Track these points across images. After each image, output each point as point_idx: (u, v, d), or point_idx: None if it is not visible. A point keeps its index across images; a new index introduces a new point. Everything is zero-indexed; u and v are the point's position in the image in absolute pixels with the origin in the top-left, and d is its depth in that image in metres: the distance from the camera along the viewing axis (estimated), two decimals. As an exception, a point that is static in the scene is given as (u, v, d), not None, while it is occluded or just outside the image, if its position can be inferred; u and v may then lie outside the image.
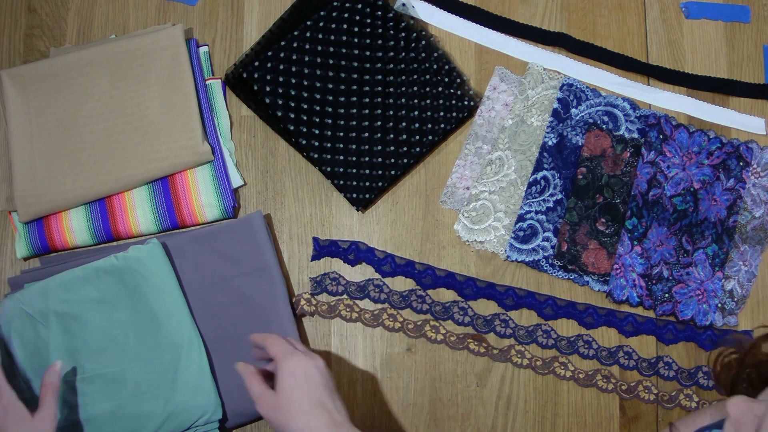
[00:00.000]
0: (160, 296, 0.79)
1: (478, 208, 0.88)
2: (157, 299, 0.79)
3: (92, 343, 0.78)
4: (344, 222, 0.89)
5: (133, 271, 0.79)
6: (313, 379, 0.69)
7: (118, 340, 0.78)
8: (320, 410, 0.67)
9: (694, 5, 0.97)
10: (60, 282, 0.79)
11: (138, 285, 0.79)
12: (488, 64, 0.93)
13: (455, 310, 0.87)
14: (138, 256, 0.79)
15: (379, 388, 0.85)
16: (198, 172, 0.86)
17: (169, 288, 0.79)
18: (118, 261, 0.79)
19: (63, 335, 0.78)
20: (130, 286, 0.79)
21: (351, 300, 0.86)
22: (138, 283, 0.79)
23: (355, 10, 0.89)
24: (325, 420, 0.67)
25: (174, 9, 0.93)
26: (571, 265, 0.87)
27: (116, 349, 0.78)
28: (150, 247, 0.80)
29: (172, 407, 0.77)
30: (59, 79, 0.85)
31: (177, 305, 0.79)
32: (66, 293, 0.78)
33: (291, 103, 0.86)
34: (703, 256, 0.89)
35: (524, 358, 0.87)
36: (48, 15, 0.92)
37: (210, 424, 0.78)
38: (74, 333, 0.78)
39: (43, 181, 0.83)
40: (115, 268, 0.79)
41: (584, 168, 0.89)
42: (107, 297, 0.79)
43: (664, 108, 0.94)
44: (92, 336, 0.78)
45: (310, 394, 0.68)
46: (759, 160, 0.92)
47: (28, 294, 0.78)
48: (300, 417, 0.67)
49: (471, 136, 0.91)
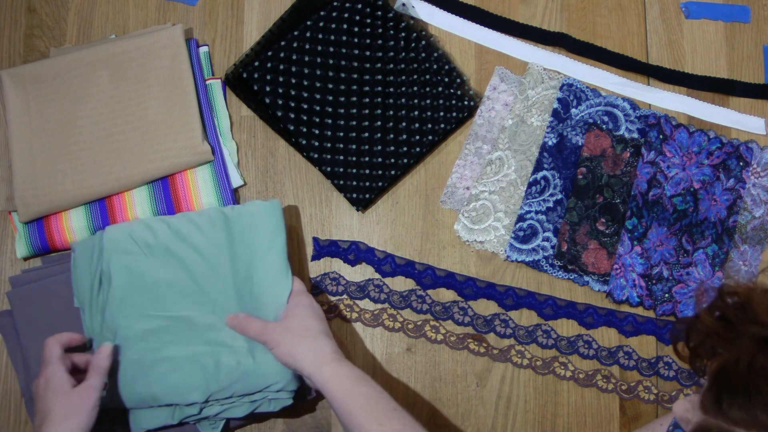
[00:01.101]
0: (263, 256, 0.78)
1: (478, 208, 0.88)
2: (259, 258, 0.78)
3: (187, 286, 0.78)
4: (344, 222, 0.89)
5: (244, 226, 0.79)
6: (319, 314, 0.77)
7: (211, 288, 0.79)
8: (327, 338, 0.74)
9: (694, 5, 0.97)
10: (169, 222, 0.79)
11: (244, 240, 0.79)
12: (488, 64, 0.93)
13: (455, 310, 0.87)
14: (253, 211, 0.80)
15: (379, 388, 0.85)
16: (198, 172, 0.86)
17: (274, 250, 0.79)
18: (231, 212, 0.80)
19: (165, 270, 0.78)
20: (236, 239, 0.79)
21: (351, 300, 0.86)
22: (245, 238, 0.79)
23: (355, 10, 0.89)
24: (332, 346, 0.74)
25: (174, 9, 0.93)
26: (571, 265, 0.87)
27: (207, 297, 0.78)
28: (268, 204, 0.80)
29: (249, 367, 0.76)
30: (59, 79, 0.85)
31: (276, 268, 0.78)
32: (174, 234, 0.79)
33: (291, 103, 0.86)
34: (703, 256, 0.89)
35: (524, 358, 0.87)
36: (48, 15, 0.92)
37: (283, 392, 0.77)
38: (174, 272, 0.78)
39: (43, 181, 0.83)
40: (225, 219, 0.80)
41: (584, 168, 0.89)
42: (212, 244, 0.79)
43: (664, 108, 0.94)
44: (188, 278, 0.78)
45: (319, 324, 0.75)
46: (759, 160, 0.92)
47: (135, 225, 0.79)
48: (309, 340, 0.73)
49: (471, 136, 0.91)
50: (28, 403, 0.80)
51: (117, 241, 0.78)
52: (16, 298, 0.80)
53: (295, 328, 0.74)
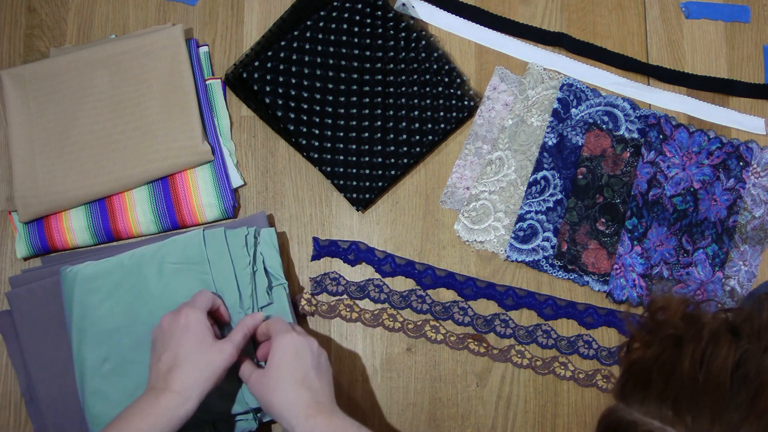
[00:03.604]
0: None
1: (478, 208, 0.88)
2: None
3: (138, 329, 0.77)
4: (344, 222, 0.89)
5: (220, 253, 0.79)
6: (302, 357, 0.69)
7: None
8: (303, 389, 0.67)
9: (694, 5, 0.97)
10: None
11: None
12: (488, 64, 0.93)
13: (455, 310, 0.87)
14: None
15: (379, 388, 0.85)
16: (198, 172, 0.86)
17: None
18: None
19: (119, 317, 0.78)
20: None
21: (351, 300, 0.86)
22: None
23: (355, 10, 0.89)
24: (305, 399, 0.67)
25: (174, 9, 0.93)
26: (571, 265, 0.87)
27: None
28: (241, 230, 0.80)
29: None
30: (59, 79, 0.85)
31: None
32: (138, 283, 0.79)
33: (291, 103, 0.86)
34: (703, 256, 0.89)
35: (524, 358, 0.87)
36: (48, 15, 0.92)
37: (240, 417, 0.77)
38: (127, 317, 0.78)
39: (43, 181, 0.83)
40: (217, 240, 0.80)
41: (584, 168, 0.89)
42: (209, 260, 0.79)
43: (664, 108, 0.94)
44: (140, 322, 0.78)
45: (295, 372, 0.68)
46: (759, 160, 0.92)
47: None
48: (281, 393, 0.67)
49: (471, 136, 0.91)
50: (28, 403, 0.80)
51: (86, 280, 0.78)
52: (16, 298, 0.80)
53: (269, 379, 0.68)
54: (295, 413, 0.66)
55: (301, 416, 0.66)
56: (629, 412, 0.51)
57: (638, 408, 0.50)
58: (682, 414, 0.48)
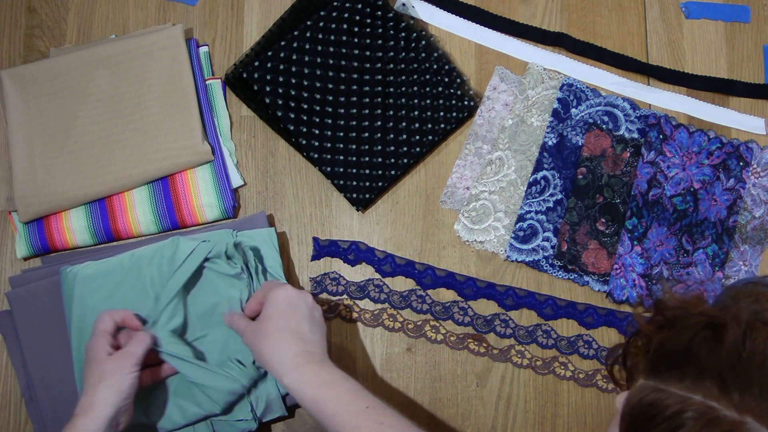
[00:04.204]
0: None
1: (478, 208, 0.88)
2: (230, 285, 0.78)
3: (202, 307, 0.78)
4: (344, 222, 0.89)
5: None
6: (297, 308, 0.69)
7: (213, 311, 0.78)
8: (294, 338, 0.67)
9: (694, 5, 0.97)
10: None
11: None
12: (488, 64, 0.93)
13: (455, 310, 0.87)
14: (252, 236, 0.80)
15: (379, 388, 0.85)
16: (198, 172, 0.86)
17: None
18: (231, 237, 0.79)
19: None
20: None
21: (351, 300, 0.86)
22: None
23: (355, 10, 0.89)
24: (297, 348, 0.66)
25: (174, 9, 0.93)
26: (571, 265, 0.87)
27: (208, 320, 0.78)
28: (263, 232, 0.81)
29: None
30: (59, 79, 0.85)
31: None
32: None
33: (291, 103, 0.86)
34: (703, 256, 0.89)
35: (524, 358, 0.87)
36: (48, 15, 0.92)
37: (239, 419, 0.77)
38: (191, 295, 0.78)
39: (43, 181, 0.83)
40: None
41: (584, 168, 0.89)
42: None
43: (664, 108, 0.94)
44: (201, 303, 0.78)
45: (289, 322, 0.68)
46: (759, 160, 0.92)
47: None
48: (272, 342, 0.67)
49: (471, 136, 0.91)
50: (28, 403, 0.80)
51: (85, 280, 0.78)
52: (16, 298, 0.80)
53: (263, 328, 0.69)
54: (283, 363, 0.66)
55: (290, 366, 0.66)
56: (663, 389, 0.51)
57: (676, 384, 0.50)
58: (728, 391, 0.48)
